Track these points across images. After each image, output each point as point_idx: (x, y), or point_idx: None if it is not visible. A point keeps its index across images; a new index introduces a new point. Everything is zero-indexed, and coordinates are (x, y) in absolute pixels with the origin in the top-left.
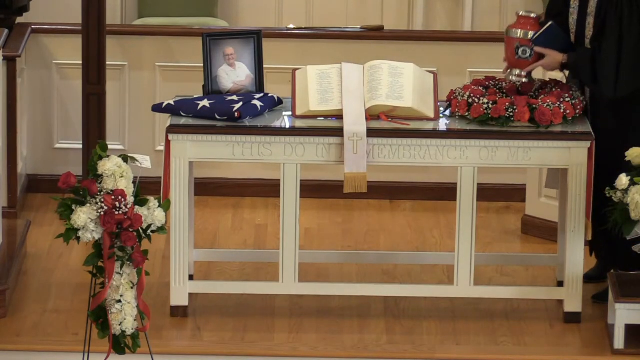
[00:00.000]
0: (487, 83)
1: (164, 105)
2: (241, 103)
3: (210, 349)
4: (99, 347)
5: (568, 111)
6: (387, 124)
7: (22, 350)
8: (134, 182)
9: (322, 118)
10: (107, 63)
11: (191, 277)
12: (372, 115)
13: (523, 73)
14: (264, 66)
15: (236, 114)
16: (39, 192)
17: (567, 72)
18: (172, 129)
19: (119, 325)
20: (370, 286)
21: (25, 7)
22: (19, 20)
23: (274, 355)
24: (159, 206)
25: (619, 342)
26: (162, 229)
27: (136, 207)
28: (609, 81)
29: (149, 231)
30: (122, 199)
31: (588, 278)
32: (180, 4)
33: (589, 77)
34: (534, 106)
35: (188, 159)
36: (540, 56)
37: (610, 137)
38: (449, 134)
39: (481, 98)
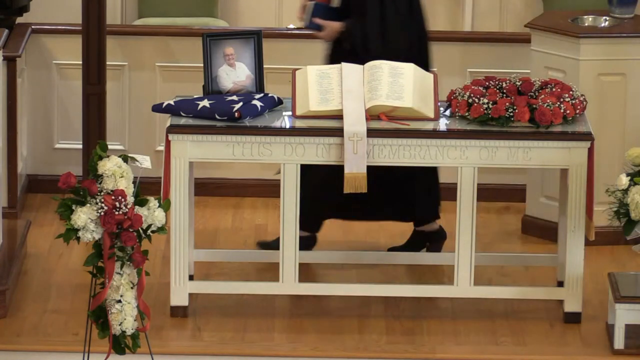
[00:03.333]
0: (487, 83)
1: (164, 105)
2: (241, 103)
3: (210, 349)
4: (99, 347)
5: (568, 111)
6: (387, 124)
7: (22, 350)
8: (134, 182)
9: (322, 118)
10: (107, 63)
11: (191, 277)
12: (372, 115)
13: None
14: (264, 66)
15: (236, 114)
16: (39, 192)
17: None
18: (172, 129)
19: (119, 325)
20: (370, 286)
21: (25, 7)
22: (19, 20)
23: (274, 355)
24: (159, 206)
25: (619, 342)
26: (162, 229)
27: (136, 207)
28: (376, 44)
29: (149, 231)
30: (122, 199)
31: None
32: (180, 4)
33: (360, 42)
34: (534, 106)
35: (188, 159)
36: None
37: None
38: (449, 134)
39: (481, 98)
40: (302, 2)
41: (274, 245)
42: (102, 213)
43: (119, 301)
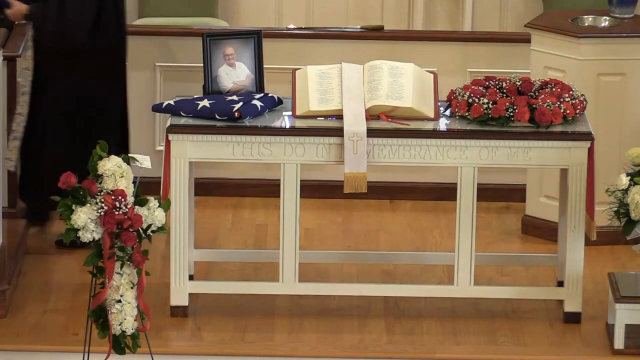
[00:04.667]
0: (487, 83)
1: (164, 105)
2: (241, 103)
3: (210, 349)
4: (99, 347)
5: (568, 111)
6: (387, 124)
7: (22, 350)
8: (134, 182)
9: (322, 118)
10: None
11: (191, 277)
12: (372, 115)
13: None
14: (264, 66)
15: (236, 114)
16: None
17: None
18: (172, 129)
19: (119, 325)
20: (370, 286)
21: None
22: None
23: (274, 355)
24: (159, 206)
25: (619, 342)
26: (162, 229)
27: (136, 207)
28: (52, 24)
29: (149, 231)
30: (122, 199)
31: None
32: (180, 4)
33: (39, 24)
34: (534, 106)
35: (188, 159)
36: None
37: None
38: (449, 134)
39: (481, 98)
40: None
41: None
42: (102, 213)
43: (119, 301)
